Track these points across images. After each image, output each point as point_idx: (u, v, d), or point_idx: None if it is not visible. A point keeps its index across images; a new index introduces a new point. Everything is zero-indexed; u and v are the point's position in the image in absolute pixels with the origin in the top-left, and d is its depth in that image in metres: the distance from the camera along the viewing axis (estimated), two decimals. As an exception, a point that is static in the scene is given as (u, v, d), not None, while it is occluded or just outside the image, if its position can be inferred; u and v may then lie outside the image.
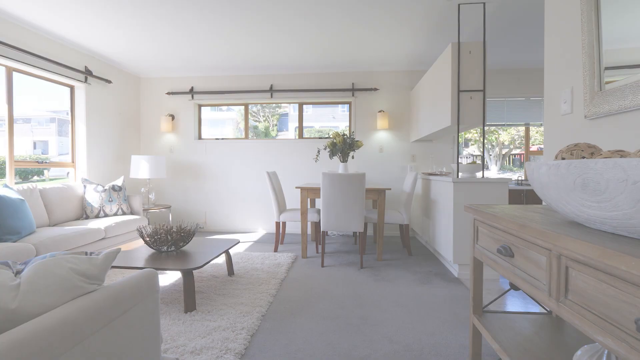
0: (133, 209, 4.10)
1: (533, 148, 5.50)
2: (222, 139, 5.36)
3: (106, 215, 3.79)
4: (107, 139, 4.65)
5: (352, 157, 4.11)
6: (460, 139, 3.15)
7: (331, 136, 3.94)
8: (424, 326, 2.15)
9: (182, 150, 5.37)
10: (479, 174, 3.44)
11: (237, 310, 2.31)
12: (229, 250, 3.79)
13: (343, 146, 3.83)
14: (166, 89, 5.34)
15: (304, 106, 5.45)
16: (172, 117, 5.31)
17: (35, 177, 4.32)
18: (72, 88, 4.25)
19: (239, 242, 3.08)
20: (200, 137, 5.51)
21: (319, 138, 5.23)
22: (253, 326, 2.10)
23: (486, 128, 5.70)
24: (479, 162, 3.28)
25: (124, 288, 0.99)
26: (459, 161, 3.22)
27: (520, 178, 5.00)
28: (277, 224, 4.02)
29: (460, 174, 3.26)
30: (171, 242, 2.58)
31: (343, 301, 2.55)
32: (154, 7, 3.10)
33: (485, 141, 3.23)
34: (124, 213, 3.92)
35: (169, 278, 2.98)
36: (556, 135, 1.76)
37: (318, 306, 2.45)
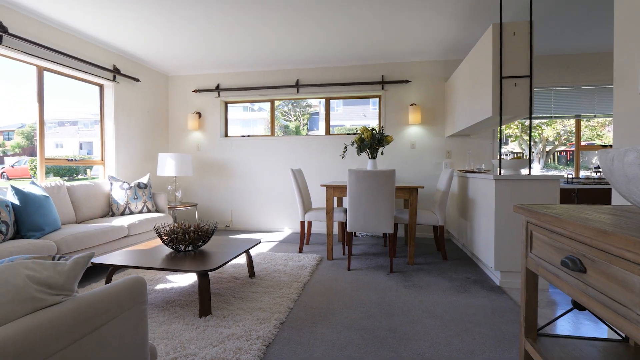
0: (158, 206, 4.09)
1: (583, 143, 4.97)
2: (248, 136, 5.27)
3: (131, 213, 3.78)
4: (135, 137, 4.69)
5: (382, 154, 3.85)
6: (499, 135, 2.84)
7: (359, 131, 3.70)
8: (461, 342, 1.88)
9: (209, 148, 5.33)
10: (524, 171, 3.08)
11: (254, 317, 2.16)
12: (250, 251, 3.66)
13: (371, 141, 3.59)
14: (193, 87, 5.33)
15: (334, 104, 5.24)
16: (199, 114, 5.29)
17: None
18: (101, 87, 4.31)
19: (259, 242, 2.94)
20: (226, 135, 5.45)
21: (347, 134, 5.00)
22: (269, 335, 1.93)
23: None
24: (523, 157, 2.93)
25: (98, 299, 0.83)
26: (501, 156, 2.88)
27: (570, 175, 4.50)
28: (302, 223, 3.85)
29: (502, 170, 2.92)
30: (189, 241, 2.48)
31: (370, 309, 2.32)
32: (181, 5, 3.02)
33: (528, 137, 2.83)
34: (149, 211, 3.90)
35: (188, 278, 2.89)
36: (631, 119, 1.44)
37: (342, 314, 2.25)
